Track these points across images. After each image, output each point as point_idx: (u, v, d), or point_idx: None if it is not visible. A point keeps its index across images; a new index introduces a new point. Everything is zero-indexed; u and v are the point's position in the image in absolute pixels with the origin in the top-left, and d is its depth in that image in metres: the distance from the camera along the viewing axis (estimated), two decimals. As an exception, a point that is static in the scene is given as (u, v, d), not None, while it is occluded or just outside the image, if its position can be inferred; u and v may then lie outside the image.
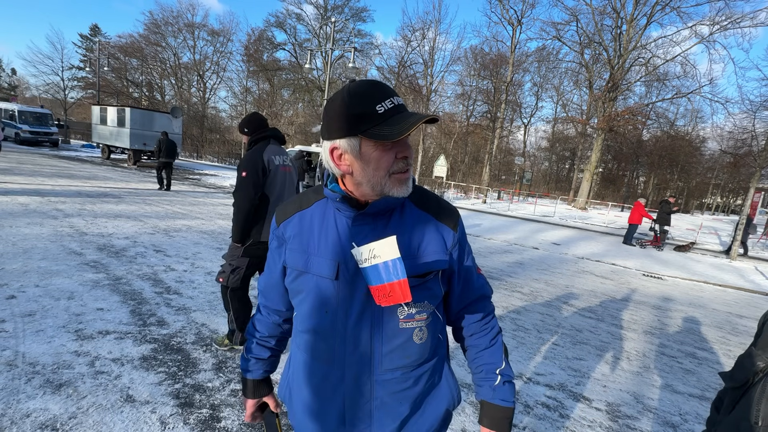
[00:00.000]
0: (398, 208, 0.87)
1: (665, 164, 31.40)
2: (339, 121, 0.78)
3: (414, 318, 0.85)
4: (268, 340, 1.04)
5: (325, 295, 0.85)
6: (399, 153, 0.80)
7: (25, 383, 2.17)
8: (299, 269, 0.88)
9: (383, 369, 0.85)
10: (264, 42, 32.87)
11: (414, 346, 0.86)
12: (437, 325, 0.92)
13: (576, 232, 13.09)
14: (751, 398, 0.88)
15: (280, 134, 2.74)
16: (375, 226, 0.84)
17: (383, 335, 0.84)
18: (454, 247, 0.90)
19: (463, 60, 28.57)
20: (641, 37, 20.37)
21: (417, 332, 0.86)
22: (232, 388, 2.38)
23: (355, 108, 0.76)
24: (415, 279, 0.82)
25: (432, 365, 0.93)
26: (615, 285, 6.53)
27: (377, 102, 0.76)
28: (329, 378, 0.88)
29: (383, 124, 0.75)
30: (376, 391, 0.86)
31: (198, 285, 4.02)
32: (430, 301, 0.88)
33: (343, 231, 0.85)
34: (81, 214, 6.56)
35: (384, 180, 0.80)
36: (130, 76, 35.58)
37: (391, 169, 0.80)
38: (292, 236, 0.90)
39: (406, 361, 0.86)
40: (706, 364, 3.69)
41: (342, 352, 0.85)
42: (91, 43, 38.55)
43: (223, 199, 10.88)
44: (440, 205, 0.91)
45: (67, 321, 2.92)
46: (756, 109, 13.29)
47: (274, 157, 2.59)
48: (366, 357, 0.84)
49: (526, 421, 2.45)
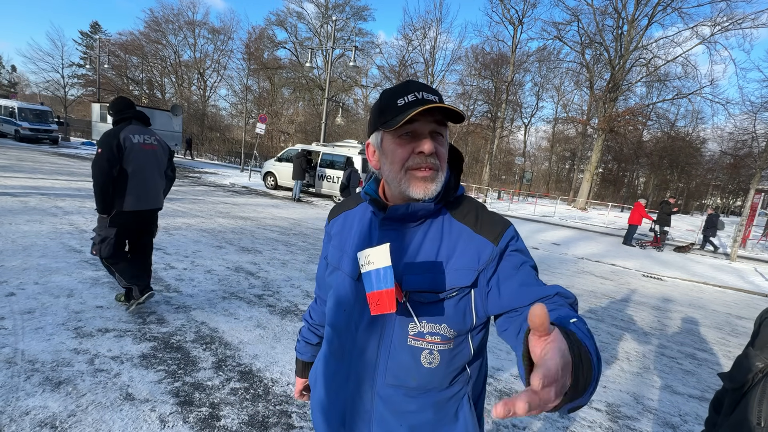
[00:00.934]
0: (433, 217, 0.82)
1: (665, 165, 31.39)
2: (371, 117, 0.81)
3: (424, 338, 0.77)
4: (318, 327, 1.09)
5: (346, 293, 0.86)
6: (417, 147, 0.75)
7: (24, 381, 2.17)
8: (334, 265, 0.91)
9: (385, 382, 0.80)
10: (265, 40, 32.84)
11: (421, 369, 0.78)
12: (461, 354, 0.81)
13: (576, 232, 13.09)
14: (751, 399, 0.88)
15: (142, 115, 3.06)
16: (402, 233, 0.81)
17: (390, 347, 0.79)
18: (491, 262, 0.77)
19: (464, 59, 28.57)
20: (642, 38, 20.36)
21: (426, 354, 0.78)
22: (231, 387, 2.37)
23: (380, 103, 0.78)
24: (430, 294, 0.76)
25: (446, 397, 0.81)
26: (615, 285, 6.53)
27: (400, 96, 0.75)
28: (338, 375, 0.88)
29: (399, 116, 0.73)
30: (377, 404, 0.82)
31: (198, 283, 4.02)
32: (451, 325, 0.78)
33: (374, 234, 0.84)
34: (81, 212, 6.55)
35: (400, 175, 0.77)
36: (130, 73, 35.53)
37: (407, 163, 0.76)
38: (335, 234, 0.94)
39: (410, 383, 0.79)
40: (705, 365, 3.69)
41: (350, 352, 0.84)
42: (91, 41, 38.47)
43: (223, 197, 10.87)
44: (482, 216, 0.82)
45: (66, 318, 2.91)
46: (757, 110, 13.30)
47: (132, 135, 2.89)
48: (371, 364, 0.81)
49: (526, 421, 2.45)
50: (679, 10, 19.06)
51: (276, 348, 2.92)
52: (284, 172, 13.39)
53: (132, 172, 2.88)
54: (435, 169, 0.77)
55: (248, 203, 10.36)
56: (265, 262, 5.12)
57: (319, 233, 7.51)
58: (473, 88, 27.58)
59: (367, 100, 34.83)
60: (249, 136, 23.78)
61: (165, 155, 3.17)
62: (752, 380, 0.90)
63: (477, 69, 27.46)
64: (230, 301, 3.68)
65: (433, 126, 0.75)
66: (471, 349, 0.82)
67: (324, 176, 12.74)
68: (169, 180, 3.32)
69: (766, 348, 0.91)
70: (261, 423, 2.10)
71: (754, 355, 0.92)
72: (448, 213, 0.83)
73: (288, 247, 6.11)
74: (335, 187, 12.52)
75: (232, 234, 6.45)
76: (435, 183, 0.77)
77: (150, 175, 3.02)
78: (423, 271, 0.77)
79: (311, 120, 30.09)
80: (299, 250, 5.97)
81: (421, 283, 0.76)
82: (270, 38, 33.08)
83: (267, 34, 32.84)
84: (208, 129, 33.57)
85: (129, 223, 2.99)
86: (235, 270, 4.61)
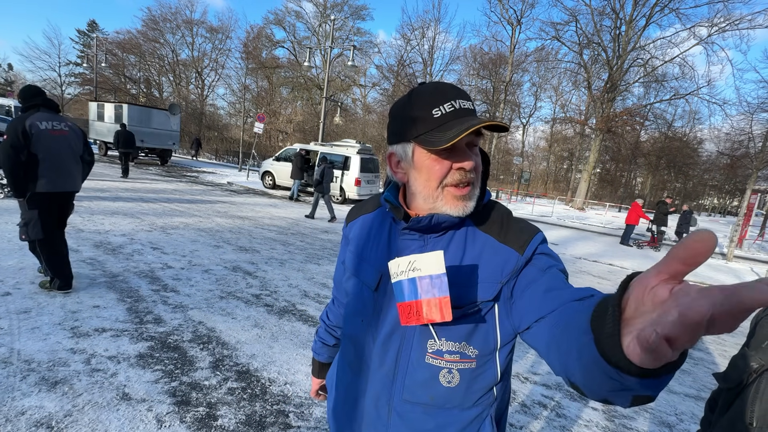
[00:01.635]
0: (456, 228, 0.76)
1: (663, 165, 31.51)
2: (396, 125, 0.75)
3: (443, 356, 0.73)
4: (335, 329, 1.06)
5: (364, 303, 0.83)
6: (456, 164, 0.70)
7: (20, 381, 2.16)
8: (351, 272, 0.88)
9: (403, 398, 0.77)
10: (263, 39, 32.79)
11: (440, 387, 0.75)
12: (483, 374, 0.76)
13: (574, 232, 13.13)
14: (745, 399, 0.89)
15: (52, 103, 3.18)
16: (425, 244, 0.76)
17: (409, 363, 0.76)
18: (516, 273, 0.72)
19: (463, 59, 28.64)
20: (640, 38, 20.44)
21: (445, 373, 0.74)
22: (229, 386, 2.37)
23: (412, 111, 0.71)
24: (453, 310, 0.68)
25: (468, 417, 0.77)
26: (612, 285, 6.55)
27: (435, 105, 0.69)
28: (354, 387, 0.86)
29: (436, 129, 0.68)
30: (393, 420, 0.79)
31: (195, 283, 4.01)
32: (472, 343, 0.73)
33: (393, 243, 0.81)
34: (77, 211, 6.52)
35: (436, 193, 0.72)
36: (127, 72, 35.39)
37: (444, 180, 0.71)
38: (352, 238, 0.90)
39: (428, 401, 0.76)
40: (701, 365, 3.71)
41: (368, 365, 0.82)
42: (88, 39, 38.29)
43: (221, 196, 10.85)
44: (507, 224, 0.77)
45: (63, 318, 2.90)
46: (753, 111, 13.38)
47: (39, 122, 3.00)
48: (388, 379, 0.78)
49: (523, 420, 2.45)
50: (676, 10, 19.13)
51: (273, 348, 2.92)
52: (282, 172, 13.37)
53: (42, 157, 3.02)
54: (472, 185, 0.73)
55: (246, 203, 10.34)
56: (262, 261, 5.11)
57: (317, 233, 7.51)
58: (471, 87, 27.63)
59: (366, 100, 34.82)
60: (247, 136, 23.71)
61: (79, 141, 3.30)
62: (746, 380, 0.91)
63: (475, 69, 27.52)
64: (228, 300, 3.68)
65: (471, 137, 0.71)
66: (498, 370, 0.76)
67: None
68: (87, 164, 3.46)
69: (760, 348, 0.91)
70: (258, 423, 2.10)
71: (748, 355, 0.93)
72: (472, 223, 0.77)
73: (286, 246, 6.11)
74: (333, 186, 12.51)
75: (229, 233, 6.44)
76: (472, 200, 0.73)
77: (62, 159, 3.16)
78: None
79: (309, 119, 30.04)
80: (297, 250, 5.97)
81: None
82: (268, 37, 33.04)
83: (265, 33, 32.81)
84: (206, 128, 33.47)
85: (47, 205, 3.13)
86: (232, 269, 4.60)
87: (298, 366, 2.72)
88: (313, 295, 4.12)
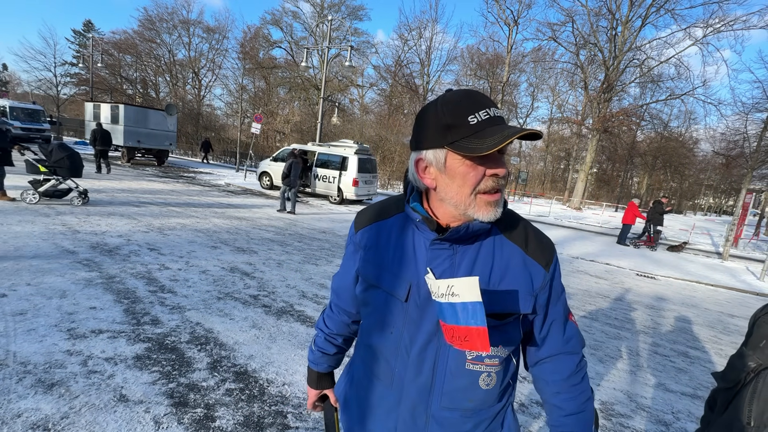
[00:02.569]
0: (483, 235, 0.78)
1: (659, 165, 31.68)
2: (427, 131, 0.73)
3: (483, 362, 0.78)
4: (335, 337, 1.04)
5: (392, 314, 0.82)
6: (489, 170, 0.71)
7: (16, 383, 2.14)
8: (370, 282, 0.85)
9: (441, 406, 0.80)
10: (260, 39, 32.71)
11: (479, 391, 0.79)
12: (509, 370, 0.85)
13: (571, 232, 13.17)
14: (742, 398, 0.89)
15: None
16: (454, 253, 0.77)
17: (447, 371, 0.78)
18: (542, 289, 0.79)
19: (460, 60, 28.68)
20: (636, 39, 20.53)
21: (484, 377, 0.79)
22: (227, 388, 2.36)
23: (445, 118, 0.70)
24: (491, 320, 0.73)
25: (496, 411, 0.84)
26: (609, 285, 6.58)
27: (471, 112, 0.69)
28: (385, 400, 0.85)
29: (473, 136, 0.68)
30: (431, 427, 0.81)
31: (193, 284, 3.99)
32: (505, 346, 0.80)
33: (420, 252, 0.80)
34: (73, 212, 6.49)
35: (469, 200, 0.73)
36: (124, 72, 35.23)
37: (478, 187, 0.72)
38: (368, 246, 0.87)
39: (467, 405, 0.80)
40: (698, 363, 3.73)
41: (401, 377, 0.82)
42: (84, 39, 38.10)
43: (218, 197, 10.82)
44: (533, 237, 0.81)
45: (59, 320, 2.89)
46: (748, 111, 13.44)
47: None
48: (425, 389, 0.80)
49: (521, 419, 2.46)
50: (672, 11, 19.24)
51: (271, 348, 2.92)
52: (280, 172, 13.35)
53: None
54: (501, 191, 0.75)
55: (244, 203, 10.32)
56: (260, 262, 5.10)
57: (314, 233, 7.49)
58: (468, 88, 27.66)
59: (363, 100, 34.81)
60: (244, 136, 23.63)
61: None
62: (744, 380, 0.91)
63: (473, 69, 27.58)
64: (225, 301, 3.67)
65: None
66: (514, 363, 0.85)
67: (319, 176, 12.72)
68: None
69: (758, 348, 0.92)
70: (256, 424, 2.10)
71: (746, 354, 0.93)
72: (498, 231, 0.79)
73: (284, 247, 6.10)
74: (332, 187, 12.50)
75: (227, 234, 6.42)
76: (500, 206, 0.76)
77: None
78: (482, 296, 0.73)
79: (307, 120, 30.00)
80: (295, 251, 5.96)
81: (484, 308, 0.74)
82: (265, 37, 32.97)
83: (262, 34, 32.73)
84: (203, 129, 33.35)
85: None
86: (230, 270, 4.59)
87: (297, 367, 2.72)
88: (311, 296, 4.11)
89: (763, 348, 0.90)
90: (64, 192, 7.05)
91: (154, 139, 16.88)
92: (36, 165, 6.58)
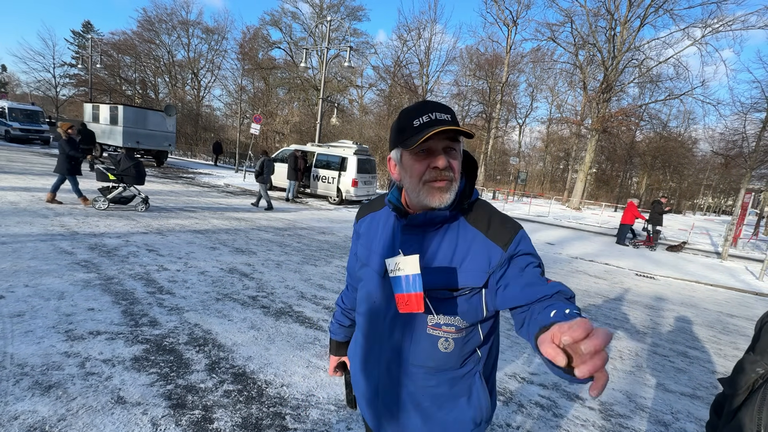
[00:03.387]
0: (450, 222, 0.92)
1: (658, 165, 31.70)
2: (391, 135, 0.92)
3: (441, 328, 0.91)
4: (349, 311, 1.24)
5: (375, 287, 0.99)
6: (432, 163, 0.86)
7: (13, 385, 2.13)
8: (363, 262, 1.05)
9: (410, 363, 0.95)
10: (259, 40, 32.71)
11: (438, 353, 0.92)
12: (471, 340, 0.94)
13: (570, 232, 13.18)
14: (751, 406, 0.87)
15: None
16: (423, 237, 0.92)
17: (413, 334, 0.93)
18: (500, 266, 0.87)
19: (459, 60, 28.69)
20: (635, 39, 20.55)
21: (442, 341, 0.92)
22: (225, 389, 2.36)
23: (399, 123, 0.89)
24: (446, 292, 0.88)
25: (460, 374, 0.95)
26: (608, 285, 6.58)
27: (416, 117, 0.85)
28: (371, 355, 1.03)
29: (415, 135, 0.84)
30: (403, 380, 0.96)
31: (191, 285, 3.99)
32: (464, 318, 0.90)
33: (397, 236, 0.96)
34: (72, 213, 6.48)
35: (419, 188, 0.88)
36: (123, 73, 35.21)
37: (424, 177, 0.87)
38: (363, 233, 1.08)
39: (430, 363, 0.94)
40: (697, 363, 3.73)
41: (381, 337, 0.99)
42: (83, 40, 38.06)
43: (217, 198, 10.81)
44: (495, 222, 0.91)
45: (57, 321, 2.88)
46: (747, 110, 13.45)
47: None
48: (397, 348, 0.96)
49: (520, 420, 2.46)
50: (670, 11, 19.26)
51: (270, 350, 2.91)
52: (279, 173, 13.34)
53: None
54: (449, 180, 0.87)
55: (243, 204, 10.31)
56: (259, 263, 5.09)
57: (313, 234, 7.49)
58: (468, 88, 27.70)
59: (362, 101, 34.81)
60: (243, 137, 23.61)
61: None
62: (753, 386, 0.90)
63: (472, 69, 27.59)
64: (224, 302, 3.66)
65: (446, 143, 0.86)
66: (480, 336, 0.96)
67: (318, 177, 12.71)
68: None
69: (766, 353, 0.90)
70: (255, 425, 2.09)
71: (754, 360, 0.92)
72: (463, 218, 0.93)
73: (282, 248, 6.09)
74: (331, 187, 12.50)
75: (226, 235, 6.42)
76: (449, 192, 0.87)
77: None
78: (440, 272, 0.88)
79: (306, 120, 29.99)
80: (294, 251, 5.95)
81: (438, 282, 0.88)
82: (264, 38, 32.97)
83: (261, 34, 32.74)
84: (202, 129, 33.34)
85: None
86: (228, 271, 4.58)
87: (295, 368, 2.71)
88: (309, 297, 4.11)
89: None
90: (128, 198, 7.52)
91: (153, 140, 16.86)
92: (106, 173, 7.07)
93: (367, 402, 1.06)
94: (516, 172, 28.15)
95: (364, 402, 1.08)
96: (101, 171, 7.04)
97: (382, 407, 1.01)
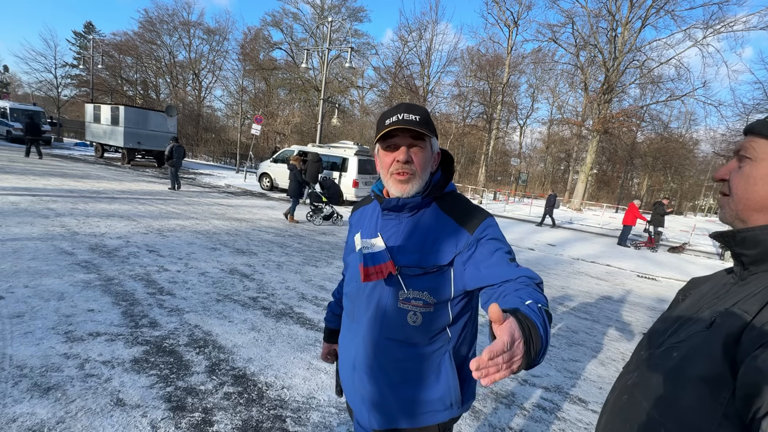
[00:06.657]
0: (425, 208, 1.03)
1: (659, 166, 31.64)
2: (375, 132, 1.02)
3: (410, 302, 0.98)
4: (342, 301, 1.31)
5: (356, 269, 1.07)
6: (396, 157, 0.97)
7: (11, 387, 2.12)
8: (351, 248, 1.16)
9: (381, 335, 1.02)
10: (260, 41, 32.75)
11: (408, 327, 1.00)
12: (439, 317, 1.00)
13: (571, 233, 13.14)
14: None
15: None
16: (399, 222, 1.04)
17: (386, 309, 1.01)
18: (467, 248, 0.96)
19: (460, 61, 28.64)
20: (636, 40, 20.53)
21: (411, 315, 0.99)
22: (225, 391, 2.34)
23: (378, 122, 1.01)
24: (417, 269, 0.97)
25: (428, 351, 1.01)
26: (610, 286, 6.55)
27: (388, 117, 0.97)
28: (350, 331, 1.13)
29: (384, 133, 0.96)
30: (375, 352, 1.04)
31: (191, 286, 3.97)
32: (432, 294, 0.97)
33: (378, 221, 1.08)
34: (73, 214, 6.47)
35: (387, 178, 1.01)
36: (124, 74, 35.26)
37: (390, 169, 0.99)
38: (354, 224, 1.20)
39: (399, 336, 1.01)
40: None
41: (360, 313, 1.07)
42: (85, 41, 38.15)
43: (218, 198, 10.80)
44: (465, 210, 1.02)
45: (56, 322, 2.87)
46: (748, 112, 13.45)
47: None
48: (371, 321, 1.04)
49: (522, 423, 2.43)
50: (671, 12, 19.25)
51: (270, 351, 2.89)
52: (280, 173, 13.33)
53: None
54: (411, 173, 0.97)
55: (243, 204, 10.30)
56: (260, 264, 5.08)
57: (314, 234, 7.48)
58: (469, 89, 27.66)
59: (363, 101, 34.83)
60: (244, 137, 23.61)
61: None
62: None
63: (472, 70, 27.55)
64: (224, 303, 3.65)
65: (410, 140, 0.97)
66: (450, 316, 1.01)
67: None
68: None
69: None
70: (255, 428, 2.07)
71: None
72: (437, 205, 1.04)
73: (283, 248, 6.08)
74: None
75: (226, 236, 6.41)
76: (410, 184, 0.99)
77: None
78: (412, 252, 0.98)
79: (307, 121, 30.00)
80: (295, 252, 5.94)
81: (410, 260, 0.97)
82: (266, 39, 33.01)
83: (262, 35, 32.77)
84: (203, 130, 33.37)
85: None
86: (229, 272, 4.57)
87: (296, 370, 2.69)
88: (310, 298, 4.09)
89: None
90: (328, 215, 8.81)
91: (154, 140, 16.88)
92: (320, 195, 8.66)
93: (346, 379, 1.14)
94: (517, 173, 28.12)
95: (345, 381, 1.15)
96: (316, 194, 8.62)
97: (358, 381, 1.08)
